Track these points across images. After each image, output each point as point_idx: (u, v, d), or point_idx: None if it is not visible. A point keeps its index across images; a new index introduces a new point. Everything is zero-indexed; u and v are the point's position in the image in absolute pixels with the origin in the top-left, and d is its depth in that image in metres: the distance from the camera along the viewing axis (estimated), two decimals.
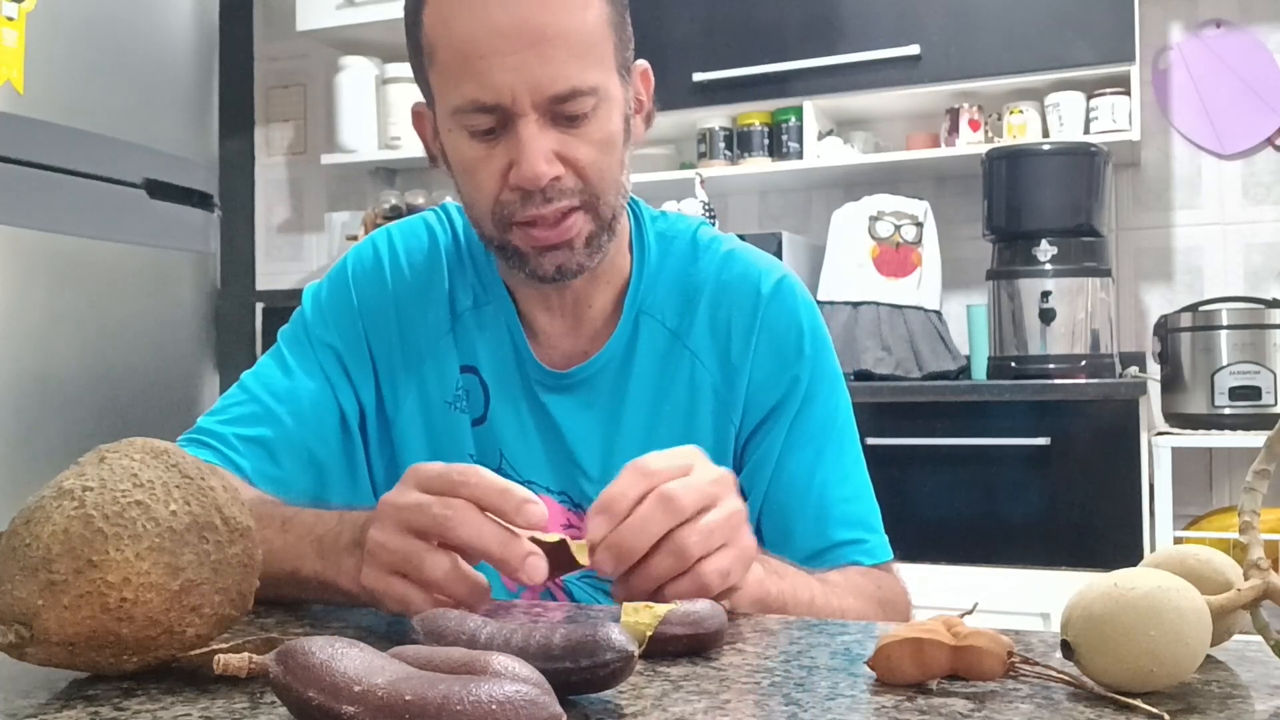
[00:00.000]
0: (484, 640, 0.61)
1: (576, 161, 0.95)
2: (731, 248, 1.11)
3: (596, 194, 0.97)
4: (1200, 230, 2.81)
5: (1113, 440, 2.29)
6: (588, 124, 0.95)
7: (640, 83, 1.05)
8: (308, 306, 1.11)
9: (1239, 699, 0.59)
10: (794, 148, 2.89)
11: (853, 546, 1.03)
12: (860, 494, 1.07)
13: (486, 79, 0.92)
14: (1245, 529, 0.63)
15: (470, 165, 0.97)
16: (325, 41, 3.41)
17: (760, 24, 2.83)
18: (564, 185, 0.95)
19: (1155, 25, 2.83)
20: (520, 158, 0.93)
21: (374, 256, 1.10)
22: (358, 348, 1.08)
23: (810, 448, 1.05)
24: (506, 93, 0.92)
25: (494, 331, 1.07)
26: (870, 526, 1.06)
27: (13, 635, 0.60)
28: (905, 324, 2.63)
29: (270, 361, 1.09)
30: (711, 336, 1.06)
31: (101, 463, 0.63)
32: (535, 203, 0.94)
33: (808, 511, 1.04)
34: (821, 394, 1.06)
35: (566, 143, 0.94)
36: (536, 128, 0.93)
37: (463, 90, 0.93)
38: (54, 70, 1.84)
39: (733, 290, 1.07)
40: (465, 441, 1.06)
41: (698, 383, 1.05)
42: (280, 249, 3.71)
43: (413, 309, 1.08)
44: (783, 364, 1.06)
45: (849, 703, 0.59)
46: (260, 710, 0.58)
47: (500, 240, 0.98)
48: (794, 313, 1.07)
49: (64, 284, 1.86)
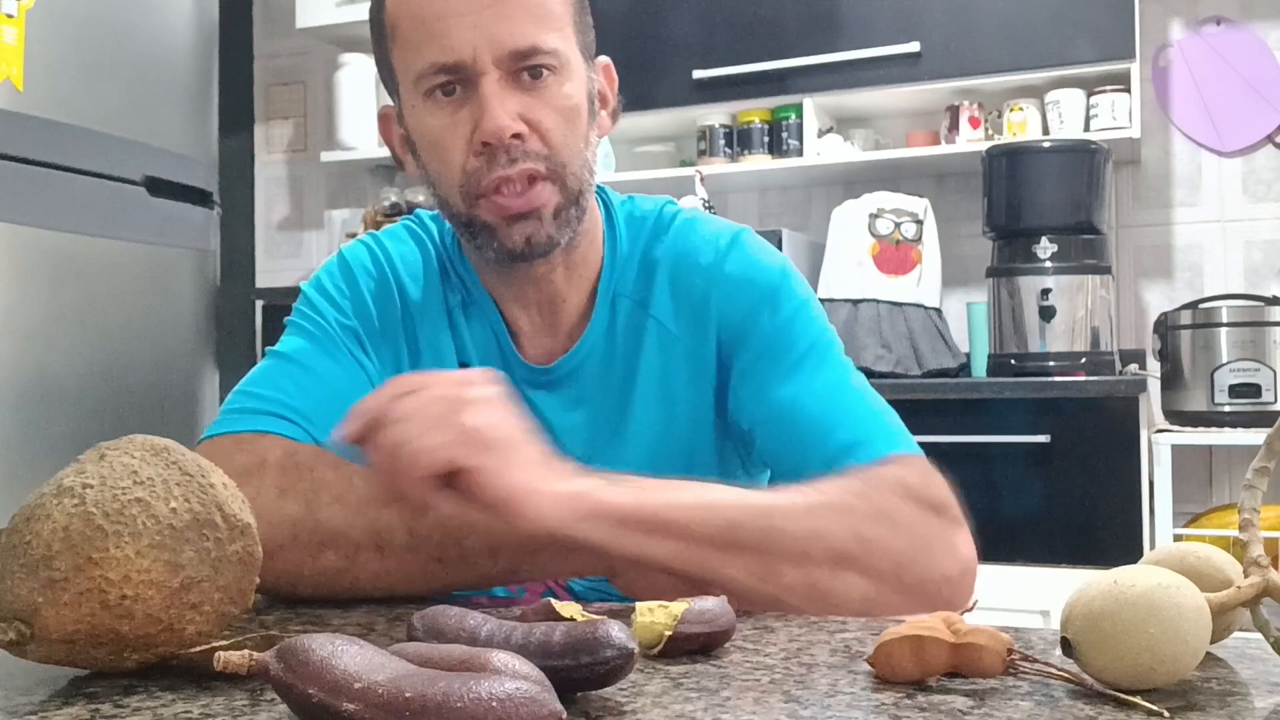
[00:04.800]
0: (484, 637, 0.61)
1: (539, 124, 0.95)
2: (691, 217, 1.09)
3: (562, 162, 0.96)
4: (1200, 227, 2.81)
5: (1113, 437, 2.29)
6: (549, 88, 0.95)
7: (604, 76, 1.06)
8: (316, 297, 1.07)
9: (1239, 696, 0.59)
10: (794, 145, 2.89)
11: (851, 451, 0.95)
12: (852, 405, 0.99)
13: (446, 39, 0.93)
14: (1245, 526, 0.63)
15: (436, 135, 0.97)
16: (325, 39, 3.41)
17: (760, 21, 2.82)
18: (528, 147, 0.94)
19: (1156, 22, 2.83)
20: (483, 114, 0.93)
21: (370, 256, 1.09)
22: (373, 333, 1.06)
23: (791, 379, 1.00)
24: (467, 50, 0.93)
25: (480, 330, 1.07)
26: (869, 427, 0.97)
27: (13, 633, 0.60)
28: (905, 321, 2.63)
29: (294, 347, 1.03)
30: (673, 300, 1.05)
31: (101, 460, 0.63)
32: (500, 163, 0.94)
33: (804, 438, 0.98)
34: (793, 327, 1.02)
35: (529, 104, 0.95)
36: (498, 85, 0.94)
37: (424, 54, 0.94)
38: (53, 67, 1.83)
39: (690, 254, 1.06)
40: None
41: (666, 347, 1.04)
42: (280, 246, 3.70)
43: (416, 305, 1.08)
44: (746, 311, 1.03)
45: (849, 700, 0.59)
46: (260, 708, 0.58)
47: (468, 215, 0.98)
48: (749, 261, 1.05)
49: (63, 281, 1.86)
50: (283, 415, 0.97)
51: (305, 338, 1.04)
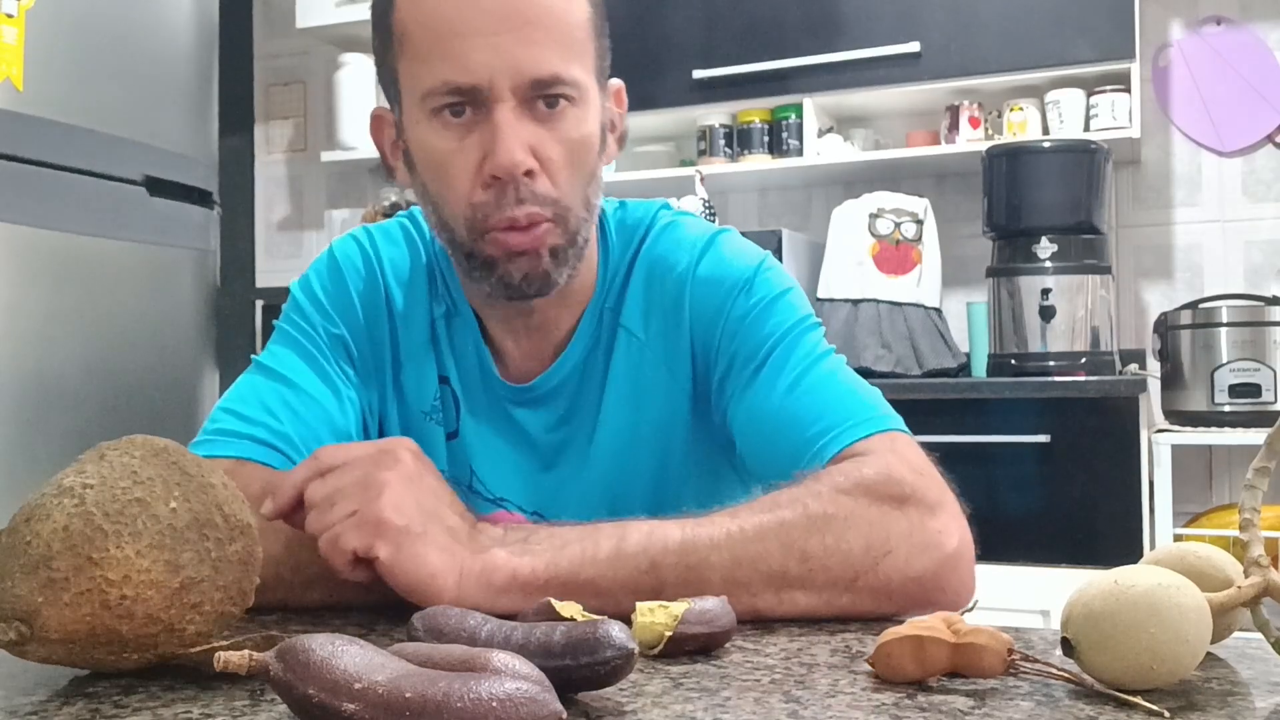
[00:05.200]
0: (484, 637, 0.61)
1: (550, 161, 0.91)
2: (671, 221, 1.06)
3: (566, 205, 0.92)
4: (1200, 227, 2.81)
5: (1113, 437, 2.29)
6: (564, 120, 0.91)
7: (614, 101, 1.02)
8: (305, 303, 1.05)
9: (1239, 696, 0.59)
10: (794, 145, 2.89)
11: (821, 444, 0.90)
12: (819, 395, 0.94)
13: (463, 59, 0.88)
14: (1245, 526, 0.63)
15: (441, 159, 0.92)
16: (325, 39, 3.41)
17: (760, 21, 2.82)
18: (536, 188, 0.90)
19: (1155, 22, 2.83)
20: (495, 145, 0.89)
21: (362, 255, 1.06)
22: (361, 342, 1.04)
23: (757, 380, 0.97)
24: (484, 74, 0.88)
25: (461, 344, 1.04)
26: (836, 416, 0.92)
27: (13, 633, 0.60)
28: (905, 321, 2.63)
29: (283, 362, 1.02)
30: (644, 306, 1.02)
31: (102, 460, 0.63)
32: (509, 202, 0.90)
33: (773, 439, 0.94)
34: (761, 321, 0.98)
35: (541, 138, 0.90)
36: (513, 115, 0.89)
37: (436, 71, 0.89)
38: (53, 67, 1.83)
39: (664, 259, 1.03)
40: (439, 455, 1.04)
41: (634, 354, 1.02)
42: (280, 246, 3.70)
43: (401, 313, 1.05)
44: (715, 309, 1.00)
45: (849, 700, 0.59)
46: (261, 708, 0.58)
47: (471, 248, 0.94)
48: (721, 261, 1.01)
49: (63, 281, 1.86)
50: (266, 442, 0.95)
51: (294, 350, 1.02)
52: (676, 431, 1.02)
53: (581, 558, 0.77)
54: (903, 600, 0.81)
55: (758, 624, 0.78)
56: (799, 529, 0.80)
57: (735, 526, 0.79)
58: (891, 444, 0.89)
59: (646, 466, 1.02)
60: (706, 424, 1.02)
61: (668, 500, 1.01)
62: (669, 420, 1.02)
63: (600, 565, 0.77)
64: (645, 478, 1.03)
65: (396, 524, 0.76)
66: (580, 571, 0.77)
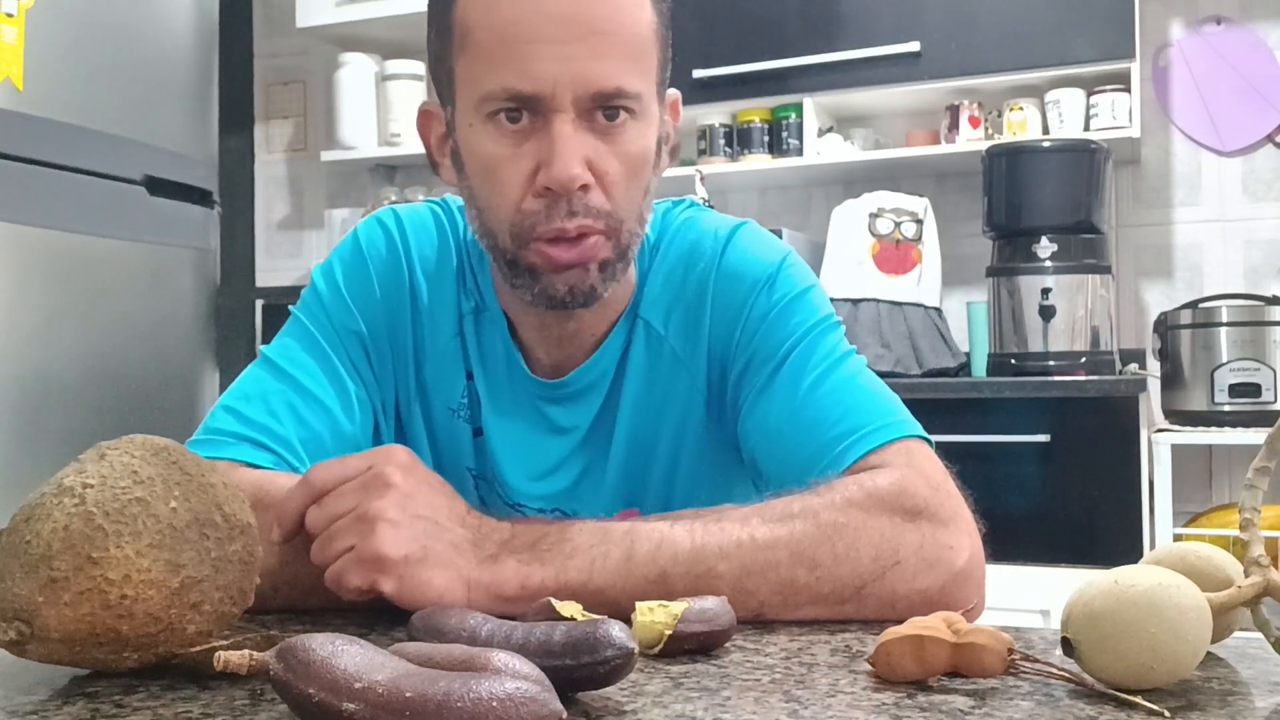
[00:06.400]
0: (484, 637, 0.61)
1: (605, 175, 0.88)
2: (689, 217, 1.04)
3: (620, 218, 0.90)
4: (1200, 227, 2.81)
5: (1113, 437, 2.29)
6: (623, 133, 0.89)
7: (670, 112, 0.99)
8: (326, 292, 1.02)
9: (1239, 696, 0.59)
10: (794, 144, 2.89)
11: (837, 451, 0.89)
12: (838, 400, 0.93)
13: (528, 66, 0.85)
14: (1246, 526, 0.63)
15: (493, 165, 0.89)
16: (325, 38, 3.41)
17: (760, 20, 2.82)
18: (590, 201, 0.88)
19: (1155, 22, 2.83)
20: (552, 157, 0.86)
21: (388, 244, 1.03)
22: (380, 337, 1.02)
23: (774, 384, 0.95)
24: (548, 83, 0.85)
25: (489, 342, 1.03)
26: (854, 422, 0.91)
27: (13, 632, 0.60)
28: (905, 321, 2.63)
29: (292, 358, 0.99)
30: (665, 301, 1.01)
31: (102, 460, 0.63)
32: (560, 214, 0.87)
33: (788, 445, 0.93)
34: (781, 323, 0.98)
35: (599, 151, 0.88)
36: (572, 127, 0.86)
37: (499, 76, 0.86)
38: (53, 67, 1.83)
39: (686, 253, 1.02)
40: (465, 453, 1.03)
41: (653, 349, 1.01)
42: (280, 246, 3.70)
43: (426, 307, 1.03)
44: (737, 308, 0.99)
45: (849, 700, 0.59)
46: (261, 707, 0.58)
47: (514, 255, 0.91)
48: (746, 256, 1.00)
49: (64, 281, 1.86)
50: (265, 445, 0.93)
51: (305, 345, 1.00)
52: (691, 426, 1.02)
53: (590, 567, 0.77)
54: (907, 613, 0.80)
55: (758, 624, 0.78)
56: (810, 539, 0.80)
57: (746, 535, 0.79)
58: (910, 455, 0.88)
59: (661, 460, 1.02)
60: (720, 420, 1.01)
61: (680, 495, 1.02)
62: (684, 414, 1.01)
63: (610, 574, 0.77)
64: (660, 471, 1.02)
65: (394, 557, 0.75)
66: (589, 581, 0.77)
